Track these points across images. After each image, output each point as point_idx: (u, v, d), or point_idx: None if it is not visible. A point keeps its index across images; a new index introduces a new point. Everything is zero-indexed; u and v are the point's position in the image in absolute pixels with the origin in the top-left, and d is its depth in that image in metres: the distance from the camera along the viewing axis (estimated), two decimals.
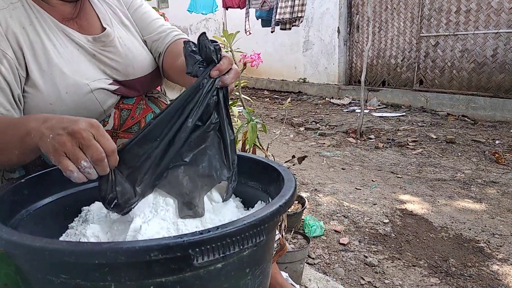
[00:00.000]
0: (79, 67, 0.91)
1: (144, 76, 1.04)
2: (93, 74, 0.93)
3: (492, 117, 4.55)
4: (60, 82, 0.87)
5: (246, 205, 0.86)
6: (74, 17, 0.96)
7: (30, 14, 0.89)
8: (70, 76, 0.88)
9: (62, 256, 0.50)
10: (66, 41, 0.92)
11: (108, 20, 1.02)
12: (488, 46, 4.84)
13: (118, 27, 1.04)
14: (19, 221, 0.71)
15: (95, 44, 0.96)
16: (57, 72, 0.87)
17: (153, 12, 1.15)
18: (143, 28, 1.10)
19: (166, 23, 1.15)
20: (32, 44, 0.87)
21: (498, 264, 1.83)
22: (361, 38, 6.34)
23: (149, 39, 1.10)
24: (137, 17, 1.11)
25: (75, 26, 0.96)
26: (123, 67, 0.99)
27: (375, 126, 4.53)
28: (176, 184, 0.71)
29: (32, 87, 0.86)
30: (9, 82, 0.83)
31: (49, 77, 0.87)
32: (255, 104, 6.26)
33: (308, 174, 3.15)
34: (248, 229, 0.55)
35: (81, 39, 0.94)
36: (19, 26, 0.86)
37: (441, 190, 2.72)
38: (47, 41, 0.89)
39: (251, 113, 1.62)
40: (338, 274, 1.81)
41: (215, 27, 8.87)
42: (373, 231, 2.20)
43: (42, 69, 0.87)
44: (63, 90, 0.87)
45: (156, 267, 0.53)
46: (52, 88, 0.87)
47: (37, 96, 0.87)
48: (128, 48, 1.02)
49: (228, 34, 1.78)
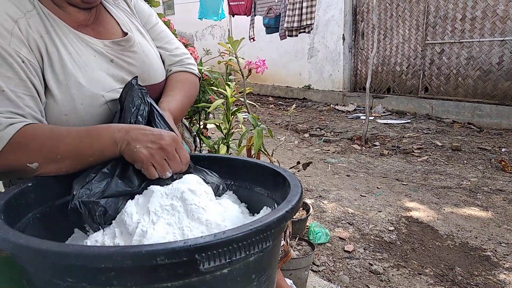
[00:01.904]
0: (95, 76, 0.89)
1: (157, 84, 1.05)
2: (110, 83, 0.91)
3: (498, 124, 4.52)
4: (76, 93, 0.86)
5: (251, 211, 0.86)
6: (90, 24, 0.96)
7: (46, 23, 0.87)
8: (86, 87, 0.87)
9: (68, 259, 0.50)
10: (82, 48, 0.90)
11: (127, 26, 1.02)
12: (493, 53, 4.83)
13: (136, 33, 1.04)
14: (26, 225, 0.72)
15: (114, 48, 0.95)
16: (73, 82, 0.86)
17: (169, 32, 1.16)
18: (159, 46, 1.12)
19: (181, 46, 1.17)
20: (49, 54, 0.85)
21: (505, 273, 1.81)
22: (366, 45, 6.35)
23: (162, 56, 1.12)
24: (154, 36, 1.11)
25: (91, 32, 0.95)
26: (140, 72, 0.99)
27: (380, 133, 4.52)
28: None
29: (48, 98, 0.85)
30: (38, 90, 0.82)
31: (65, 87, 0.85)
32: (259, 111, 6.27)
33: (312, 181, 3.14)
34: (254, 234, 0.55)
35: (98, 44, 0.93)
36: (38, 35, 0.85)
37: (447, 197, 2.70)
38: (63, 50, 0.87)
39: (256, 119, 1.62)
40: (343, 281, 1.80)
41: (221, 34, 8.92)
42: (378, 238, 2.18)
43: (59, 80, 0.85)
44: (79, 102, 0.86)
45: (163, 272, 0.52)
46: (67, 99, 0.85)
47: (53, 107, 0.85)
48: (146, 55, 1.02)
49: (234, 40, 1.79)
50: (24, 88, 0.80)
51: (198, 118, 2.08)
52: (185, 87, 1.09)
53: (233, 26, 6.92)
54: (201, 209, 0.72)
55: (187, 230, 0.69)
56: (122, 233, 0.72)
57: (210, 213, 0.73)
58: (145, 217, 0.70)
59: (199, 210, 0.72)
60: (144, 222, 0.69)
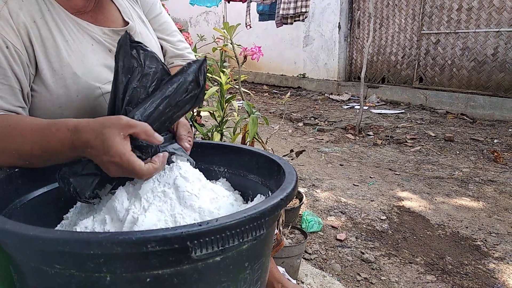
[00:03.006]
0: (92, 66, 0.85)
1: None
2: (106, 75, 0.87)
3: (491, 116, 4.55)
4: (71, 84, 0.82)
5: (245, 199, 0.85)
6: (89, 11, 0.91)
7: (42, 6, 0.82)
8: (82, 78, 0.83)
9: (56, 245, 0.49)
10: (80, 35, 0.86)
11: (129, 14, 0.98)
12: (488, 44, 4.83)
13: (138, 22, 0.99)
14: (12, 211, 0.70)
15: (113, 37, 0.90)
16: (69, 73, 0.82)
17: (172, 23, 1.12)
18: (161, 37, 1.08)
19: (183, 39, 1.13)
20: (43, 40, 0.80)
21: (495, 263, 1.83)
22: (361, 34, 6.32)
23: (164, 47, 1.08)
24: (156, 26, 1.07)
25: (90, 19, 0.90)
26: None
27: (374, 123, 4.52)
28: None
29: (40, 85, 0.81)
30: (20, 79, 0.78)
31: (60, 77, 0.81)
32: (254, 99, 6.24)
33: (306, 170, 3.14)
34: (248, 222, 0.54)
35: (97, 32, 0.88)
36: (30, 19, 0.79)
37: (439, 188, 2.72)
38: (59, 37, 0.82)
39: (251, 107, 1.60)
40: (334, 269, 1.81)
41: (215, 20, 8.82)
42: (370, 227, 2.19)
43: (53, 69, 0.81)
44: (74, 94, 0.82)
45: (153, 259, 0.51)
46: (63, 90, 0.81)
47: (46, 97, 0.81)
48: (147, 45, 0.99)
49: (229, 26, 1.76)
50: (2, 77, 0.75)
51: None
52: None
53: (228, 12, 6.83)
54: (194, 196, 0.71)
55: (180, 217, 0.68)
56: (112, 220, 0.71)
57: (203, 200, 0.71)
58: (136, 204, 0.69)
59: (191, 197, 0.70)
60: (135, 209, 0.68)
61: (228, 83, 1.84)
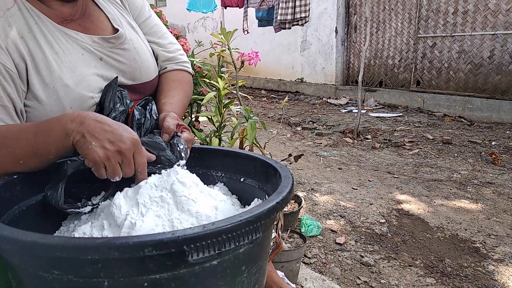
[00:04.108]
0: (84, 76, 0.84)
1: (149, 81, 1.00)
2: (99, 84, 0.86)
3: (489, 118, 4.56)
4: (64, 96, 0.81)
5: (242, 203, 0.85)
6: (76, 19, 0.90)
7: (29, 20, 0.81)
8: (74, 89, 0.82)
9: (54, 251, 0.49)
10: (69, 46, 0.85)
11: (118, 21, 0.96)
12: (485, 47, 4.86)
13: (128, 28, 0.98)
14: (11, 218, 0.70)
15: (103, 45, 0.90)
16: (60, 85, 0.81)
17: (162, 26, 1.11)
18: (152, 41, 1.07)
19: (174, 40, 1.12)
20: (33, 55, 0.80)
21: (494, 265, 1.83)
22: (358, 38, 6.34)
23: (155, 51, 1.07)
24: (146, 30, 1.06)
25: (78, 27, 0.88)
26: (130, 70, 0.94)
27: (372, 126, 4.53)
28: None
29: (33, 100, 0.80)
30: (13, 98, 0.77)
31: (53, 90, 0.81)
32: (252, 104, 6.25)
33: (305, 174, 3.14)
34: (244, 225, 0.54)
35: (86, 41, 0.87)
36: (18, 36, 0.79)
37: (438, 190, 2.72)
38: (48, 49, 0.82)
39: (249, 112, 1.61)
40: (334, 273, 1.81)
41: (213, 26, 8.85)
42: (369, 231, 2.19)
43: (45, 82, 0.80)
44: (68, 105, 0.81)
45: (150, 264, 0.52)
46: (55, 103, 0.81)
47: (40, 111, 0.81)
48: (137, 52, 0.96)
49: (226, 32, 1.77)
50: None
51: (190, 110, 2.06)
52: (184, 87, 1.06)
53: (226, 18, 6.87)
54: (191, 201, 0.71)
55: (177, 222, 0.68)
56: (110, 225, 0.71)
57: (200, 205, 0.72)
58: (134, 209, 0.69)
59: (189, 202, 0.71)
60: (133, 214, 0.68)
61: (226, 88, 1.85)
